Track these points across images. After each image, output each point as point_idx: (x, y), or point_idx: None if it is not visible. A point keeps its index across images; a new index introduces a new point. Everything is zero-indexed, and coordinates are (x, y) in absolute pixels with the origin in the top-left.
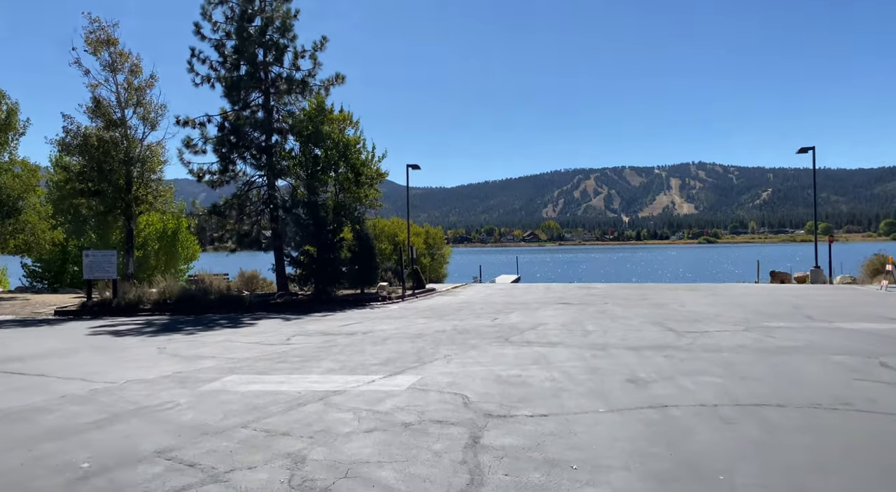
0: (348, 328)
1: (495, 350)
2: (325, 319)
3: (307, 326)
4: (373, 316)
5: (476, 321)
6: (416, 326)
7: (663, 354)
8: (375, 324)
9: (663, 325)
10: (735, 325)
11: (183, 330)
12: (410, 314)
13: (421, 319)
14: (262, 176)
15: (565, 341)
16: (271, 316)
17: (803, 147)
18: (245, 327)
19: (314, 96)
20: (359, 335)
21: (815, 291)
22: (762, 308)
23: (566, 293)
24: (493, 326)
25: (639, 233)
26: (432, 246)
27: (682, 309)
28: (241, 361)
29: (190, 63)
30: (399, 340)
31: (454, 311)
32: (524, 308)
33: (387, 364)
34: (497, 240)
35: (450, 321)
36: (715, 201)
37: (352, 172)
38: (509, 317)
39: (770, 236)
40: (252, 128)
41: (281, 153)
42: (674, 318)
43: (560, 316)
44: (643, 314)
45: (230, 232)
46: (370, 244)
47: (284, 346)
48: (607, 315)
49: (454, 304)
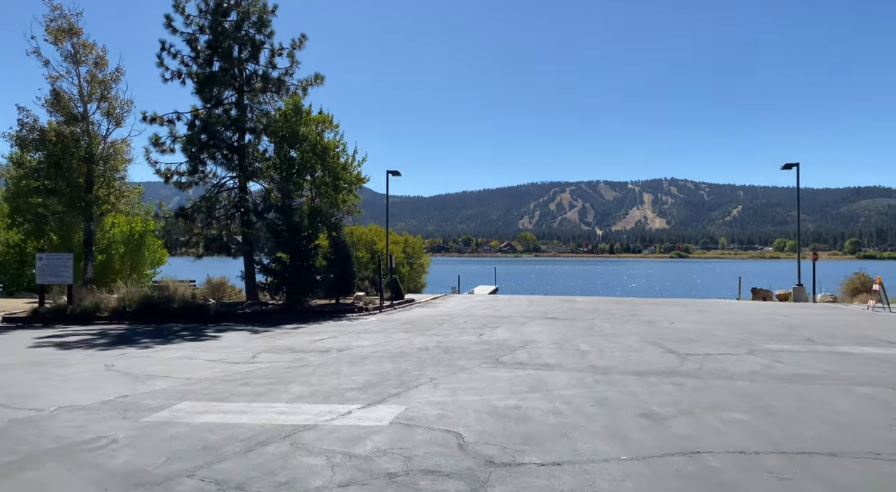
0: (322, 344)
1: (486, 373)
2: (296, 332)
3: (276, 340)
4: (349, 330)
5: (461, 337)
6: (396, 342)
7: (671, 382)
8: (352, 339)
9: (660, 345)
10: (735, 347)
11: (139, 342)
12: (390, 328)
13: (401, 333)
14: (233, 178)
15: (562, 363)
16: (238, 327)
17: (787, 163)
18: (208, 340)
19: (291, 96)
20: (333, 353)
21: (803, 310)
22: (757, 328)
23: (550, 307)
24: (480, 344)
25: (612, 246)
26: (411, 255)
27: (673, 327)
28: (199, 382)
29: (160, 57)
30: (379, 360)
31: (436, 324)
32: (510, 323)
33: (365, 390)
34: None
35: (433, 337)
36: (686, 217)
37: (330, 176)
38: (495, 332)
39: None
40: (224, 127)
41: (254, 154)
42: (669, 337)
43: (549, 332)
44: (635, 332)
45: (198, 236)
46: (347, 252)
47: (249, 364)
48: (598, 332)
49: (435, 316)
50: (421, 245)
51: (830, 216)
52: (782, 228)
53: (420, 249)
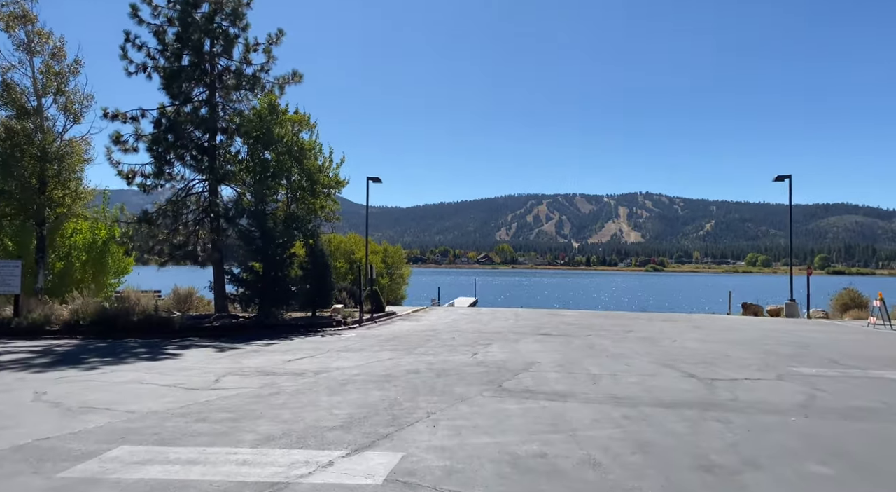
0: (297, 365)
1: (493, 405)
2: (268, 349)
3: (245, 359)
4: (327, 346)
5: (453, 357)
6: (381, 363)
7: (713, 417)
8: (331, 359)
9: (676, 368)
10: (760, 371)
11: (85, 362)
12: (372, 345)
13: (386, 352)
14: (202, 181)
15: (576, 392)
16: (203, 343)
17: (780, 175)
18: (166, 359)
19: (266, 95)
20: (310, 376)
21: (803, 327)
22: (768, 347)
23: (539, 321)
24: (476, 366)
25: (589, 259)
26: (391, 265)
27: (679, 346)
28: (145, 417)
29: (124, 49)
30: (363, 386)
31: (423, 341)
32: (502, 340)
33: (350, 428)
34: (452, 261)
35: (422, 356)
36: (661, 231)
37: (307, 179)
38: (490, 351)
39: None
40: (193, 126)
41: (226, 156)
42: (680, 358)
43: (549, 352)
44: (641, 352)
45: (162, 243)
46: (325, 261)
47: (210, 391)
48: (602, 352)
49: (420, 331)
50: (401, 255)
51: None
52: (754, 243)
53: (400, 259)
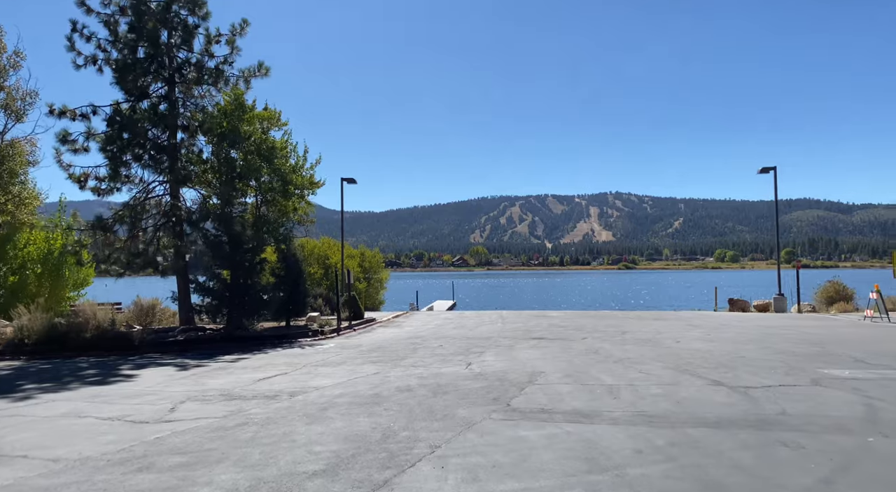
0: (269, 384)
1: (507, 432)
2: (237, 366)
3: (209, 379)
4: (303, 360)
5: (446, 369)
6: (366, 379)
7: (776, 440)
8: (308, 376)
9: (695, 374)
10: (788, 375)
11: (18, 390)
12: (354, 357)
13: (370, 365)
14: (162, 182)
15: (598, 409)
16: (164, 361)
17: (765, 167)
18: (117, 383)
19: (232, 89)
20: (284, 399)
21: (800, 322)
22: (780, 345)
23: (528, 324)
24: (474, 379)
25: (562, 259)
26: (368, 270)
27: (685, 347)
28: (71, 468)
29: (70, 40)
30: (348, 411)
31: (409, 350)
32: (494, 346)
33: (336, 474)
34: (427, 264)
35: (411, 369)
36: (631, 229)
37: (278, 179)
38: (485, 360)
39: (683, 263)
40: (151, 123)
41: (188, 156)
42: (694, 361)
43: (551, 359)
44: (650, 356)
45: (119, 251)
46: (298, 267)
47: (163, 425)
48: (607, 357)
49: (404, 339)
50: (379, 259)
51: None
52: (721, 239)
53: (378, 263)
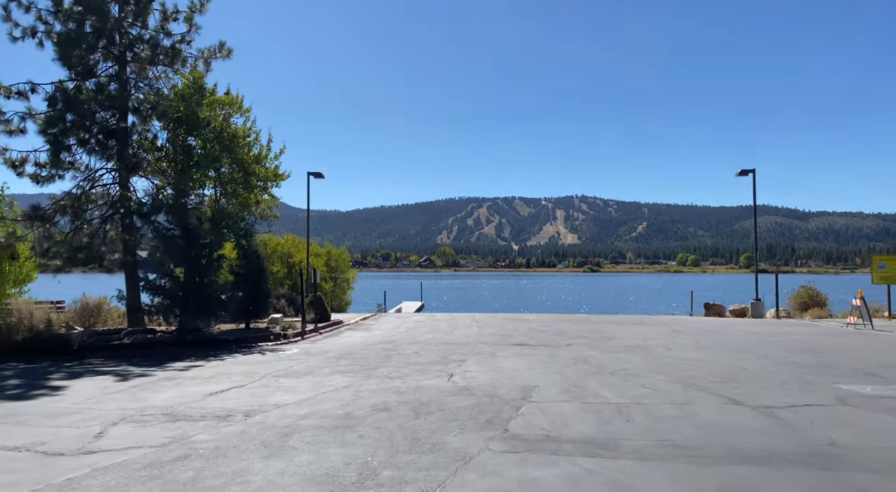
0: (221, 401)
1: (514, 471)
2: (187, 375)
3: (151, 393)
4: (263, 369)
5: (426, 381)
6: (336, 394)
7: (850, 483)
8: (268, 390)
9: (704, 389)
10: (806, 391)
11: None
12: (321, 365)
13: (339, 375)
14: (111, 170)
15: (613, 435)
16: (104, 368)
17: (744, 170)
18: (40, 397)
19: (190, 71)
20: (238, 421)
21: (784, 329)
22: (777, 355)
23: (504, 328)
24: (459, 394)
25: (528, 261)
26: (335, 269)
27: (679, 356)
28: None
29: (6, 9)
30: (315, 440)
31: (381, 358)
32: (475, 353)
33: None
34: (394, 265)
35: (386, 381)
36: (596, 233)
37: (239, 170)
38: (468, 371)
39: (646, 267)
40: (98, 105)
41: (141, 142)
42: (696, 374)
43: (539, 369)
44: (645, 368)
45: (60, 245)
46: (260, 265)
47: (81, 458)
48: (598, 367)
49: (375, 345)
50: (346, 258)
51: (725, 233)
52: (683, 244)
53: (345, 262)
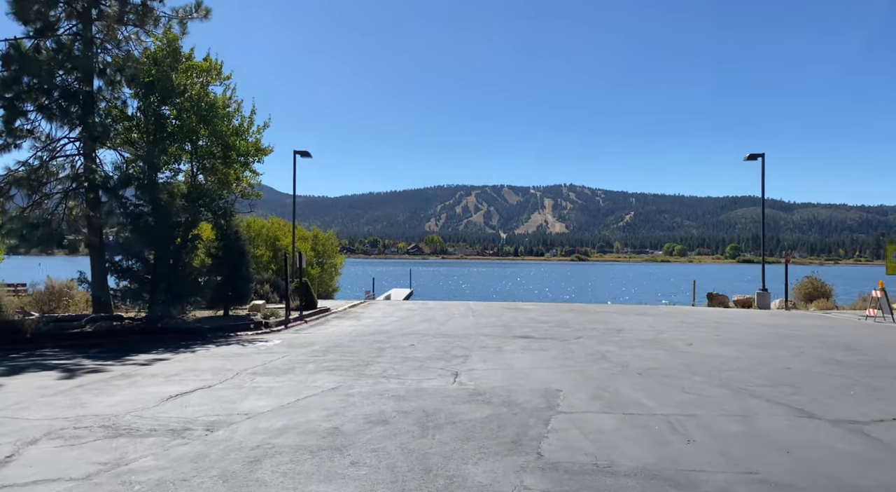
0: (179, 408)
1: None
2: (146, 371)
3: (96, 397)
4: (238, 364)
5: (428, 382)
6: (321, 399)
7: None
8: (239, 391)
9: (757, 395)
10: (876, 397)
11: None
12: (304, 360)
13: (325, 374)
14: (74, 140)
15: (686, 468)
16: (54, 361)
17: (752, 154)
18: None
19: (164, 33)
20: (195, 439)
21: (802, 321)
22: (813, 351)
23: (502, 317)
24: (470, 400)
25: (516, 249)
26: (322, 254)
27: (703, 352)
28: None
29: None
30: (293, 470)
31: (374, 351)
32: (477, 347)
33: None
34: (381, 251)
35: (381, 382)
36: (584, 222)
37: (218, 143)
38: (473, 368)
39: (633, 256)
40: (60, 66)
41: (109, 110)
42: (737, 376)
43: (556, 368)
44: (672, 365)
45: (15, 220)
46: (241, 247)
47: None
48: (621, 365)
49: (366, 335)
50: (334, 242)
51: (711, 223)
52: (670, 233)
53: (333, 247)
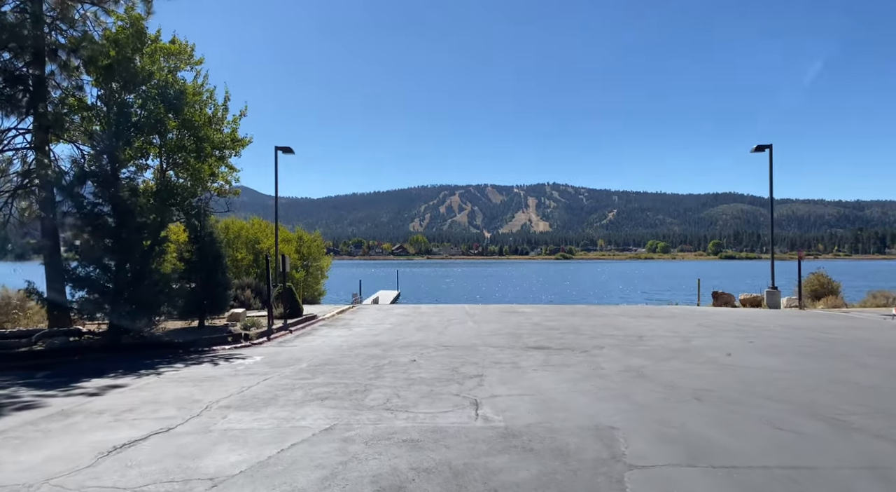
0: (118, 472)
1: None
2: (91, 409)
3: (15, 453)
4: (208, 394)
5: (444, 417)
6: (310, 451)
7: None
8: (206, 438)
9: (876, 434)
10: None
11: None
12: (289, 385)
13: (315, 405)
14: (24, 131)
15: None
16: None
17: (760, 145)
18: None
19: (126, 11)
20: None
21: (829, 322)
22: (875, 362)
23: (504, 322)
24: (507, 448)
25: (501, 248)
26: (307, 256)
27: (752, 365)
28: None
29: None
30: None
31: (370, 371)
32: (490, 363)
33: None
34: (366, 253)
35: (385, 418)
36: (567, 220)
37: (190, 135)
38: (496, 394)
39: (617, 254)
40: (3, 47)
41: (65, 98)
42: (826, 403)
43: (593, 391)
44: (734, 387)
45: None
46: (217, 250)
47: None
48: (667, 386)
49: (358, 348)
50: (319, 244)
51: (693, 220)
52: (652, 231)
53: (318, 248)
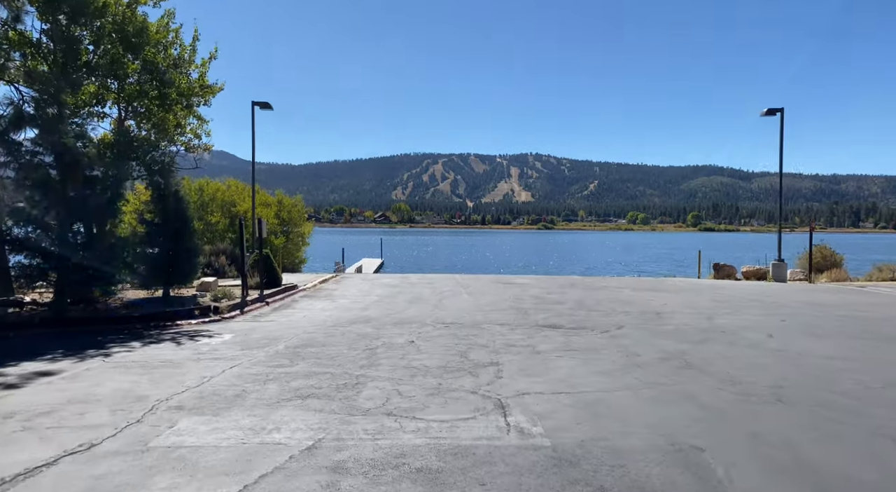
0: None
1: None
2: (5, 404)
3: None
4: (157, 388)
5: (466, 427)
6: (285, 485)
7: None
8: (137, 466)
9: None
10: None
11: None
12: (261, 377)
13: (292, 408)
14: None
15: None
16: None
17: (771, 109)
18: None
19: None
20: None
21: (855, 298)
22: None
23: (501, 295)
24: (560, 484)
25: (483, 218)
26: (287, 222)
27: (805, 351)
28: None
29: None
30: None
31: (362, 354)
32: (504, 346)
33: None
34: (348, 220)
35: (387, 428)
36: (549, 190)
37: (152, 80)
38: (523, 391)
39: (598, 224)
40: None
41: (4, 32)
42: None
43: (642, 387)
44: (808, 383)
45: None
46: (184, 213)
47: None
48: (730, 382)
49: (345, 325)
50: (301, 209)
51: (673, 192)
52: (632, 202)
53: (299, 214)
